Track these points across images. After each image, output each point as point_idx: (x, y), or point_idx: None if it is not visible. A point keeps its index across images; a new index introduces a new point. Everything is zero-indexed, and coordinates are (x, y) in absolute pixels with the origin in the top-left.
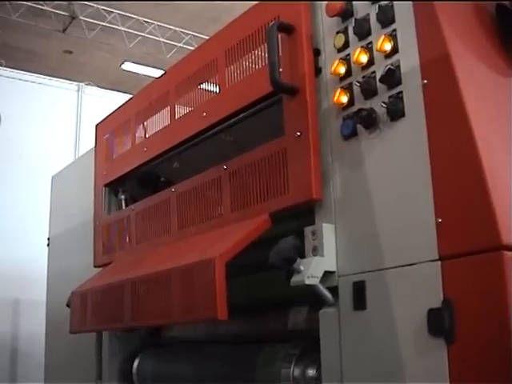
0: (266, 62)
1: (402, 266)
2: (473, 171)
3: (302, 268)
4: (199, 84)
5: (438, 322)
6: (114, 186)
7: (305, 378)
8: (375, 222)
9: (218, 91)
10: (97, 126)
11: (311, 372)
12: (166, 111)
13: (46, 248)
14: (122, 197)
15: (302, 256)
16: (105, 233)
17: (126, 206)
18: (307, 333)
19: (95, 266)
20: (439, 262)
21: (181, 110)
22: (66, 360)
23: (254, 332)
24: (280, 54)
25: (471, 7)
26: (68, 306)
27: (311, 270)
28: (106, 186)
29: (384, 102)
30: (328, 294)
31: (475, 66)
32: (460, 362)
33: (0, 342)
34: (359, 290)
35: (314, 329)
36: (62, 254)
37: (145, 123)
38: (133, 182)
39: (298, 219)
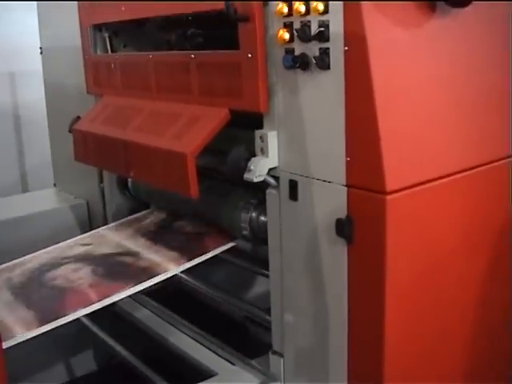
0: None
1: (323, 181)
2: (370, 123)
3: (252, 167)
4: None
5: (342, 229)
6: (97, 25)
7: (258, 222)
8: (306, 139)
9: None
10: None
11: (263, 218)
12: None
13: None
14: (106, 34)
15: (253, 155)
16: (93, 68)
17: (111, 43)
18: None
19: (88, 93)
20: (346, 188)
21: None
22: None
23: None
24: None
25: None
26: (70, 132)
27: (259, 170)
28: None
29: (315, 55)
30: (272, 180)
31: (390, 36)
32: (355, 256)
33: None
34: (293, 186)
35: None
36: (57, 69)
37: None
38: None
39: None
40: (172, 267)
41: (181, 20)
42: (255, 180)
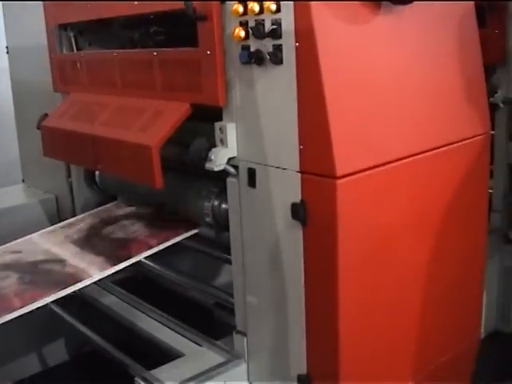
0: None
1: (278, 168)
2: (320, 114)
3: (212, 157)
4: None
5: (297, 212)
6: (63, 25)
7: (220, 209)
8: (262, 130)
9: None
10: None
11: (225, 206)
12: None
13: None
14: (71, 34)
15: (214, 146)
16: (60, 66)
17: (76, 42)
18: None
19: (55, 91)
20: (300, 174)
21: None
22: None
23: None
24: None
25: None
26: (38, 128)
27: (219, 160)
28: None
29: (269, 51)
30: (231, 169)
31: (337, 33)
32: (309, 238)
33: None
34: (251, 174)
35: None
36: (24, 67)
37: None
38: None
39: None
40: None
41: (143, 19)
42: (216, 169)
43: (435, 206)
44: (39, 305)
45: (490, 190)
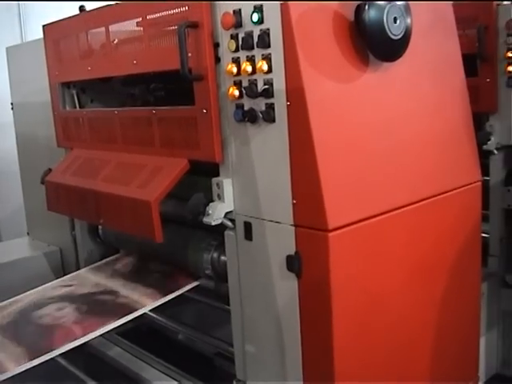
0: None
1: (273, 222)
2: (311, 170)
3: (210, 212)
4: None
5: (292, 264)
6: (66, 83)
7: (219, 261)
8: (257, 185)
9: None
10: (44, 27)
11: (223, 258)
12: (106, 42)
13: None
14: (74, 91)
15: (211, 200)
16: (63, 122)
17: (78, 99)
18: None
19: (58, 146)
20: (294, 227)
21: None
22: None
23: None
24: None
25: (331, 23)
26: (42, 183)
27: (216, 214)
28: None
29: (261, 110)
30: (228, 222)
31: (327, 92)
32: (304, 289)
33: None
34: (247, 227)
35: None
36: (28, 123)
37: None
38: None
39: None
40: (148, 303)
41: (144, 75)
42: (213, 223)
43: (428, 254)
44: (100, 333)
45: (487, 235)
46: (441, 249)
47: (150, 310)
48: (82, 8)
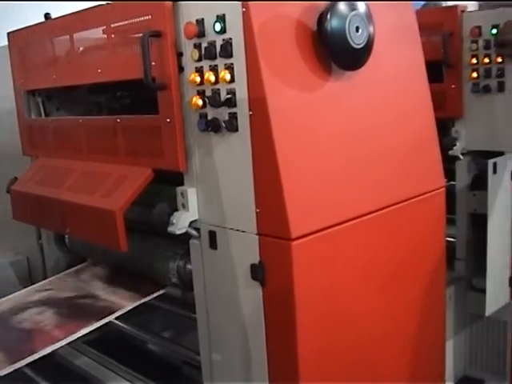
0: None
1: (237, 231)
2: (274, 179)
3: (174, 221)
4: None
5: (256, 273)
6: (31, 90)
7: (185, 270)
8: (221, 194)
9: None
10: (9, 34)
11: (189, 266)
12: (71, 51)
13: None
14: (39, 99)
15: (176, 209)
16: (29, 131)
17: (44, 108)
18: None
19: (24, 155)
20: (257, 236)
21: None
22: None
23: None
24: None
25: (293, 32)
26: (8, 192)
27: (180, 224)
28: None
29: (224, 119)
30: (193, 231)
31: (289, 101)
32: (268, 297)
33: None
34: (212, 236)
35: None
36: None
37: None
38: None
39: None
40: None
41: (110, 84)
42: (178, 232)
43: (392, 261)
44: (80, 335)
45: (454, 239)
46: (406, 254)
47: (117, 319)
48: (47, 16)
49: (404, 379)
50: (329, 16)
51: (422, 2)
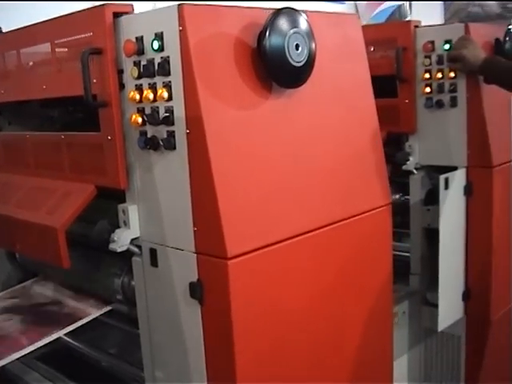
0: None
1: (176, 249)
2: (210, 197)
3: (115, 238)
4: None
5: (194, 291)
6: None
7: (130, 286)
8: (161, 212)
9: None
10: None
11: (134, 283)
12: (18, 66)
13: None
14: None
15: (117, 226)
16: None
17: None
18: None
19: None
20: (195, 255)
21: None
22: None
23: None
24: (92, 70)
25: (232, 50)
26: None
27: (122, 241)
28: None
29: (163, 138)
30: (135, 249)
31: (226, 120)
32: (207, 316)
33: None
34: (153, 254)
35: None
36: None
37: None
38: None
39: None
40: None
41: (62, 98)
42: (119, 250)
43: (337, 277)
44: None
45: (407, 254)
46: (349, 271)
47: (66, 335)
48: None
49: None
50: (267, 33)
51: (386, 16)
